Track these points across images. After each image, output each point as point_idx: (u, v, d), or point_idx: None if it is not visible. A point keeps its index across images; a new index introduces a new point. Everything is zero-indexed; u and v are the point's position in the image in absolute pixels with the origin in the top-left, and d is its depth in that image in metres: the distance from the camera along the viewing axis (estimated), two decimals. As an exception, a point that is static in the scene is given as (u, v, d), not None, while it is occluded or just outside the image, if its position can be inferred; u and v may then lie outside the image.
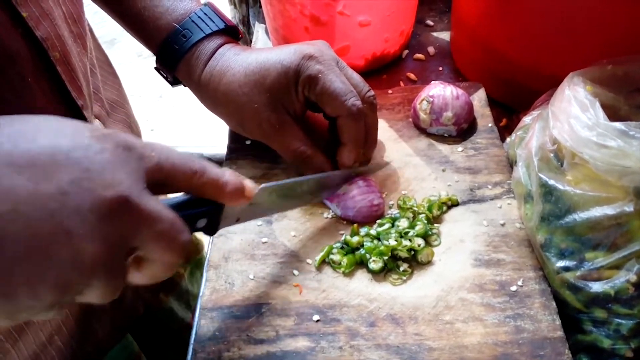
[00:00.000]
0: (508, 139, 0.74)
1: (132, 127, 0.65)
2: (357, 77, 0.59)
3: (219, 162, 0.97)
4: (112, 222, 0.33)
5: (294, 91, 0.57)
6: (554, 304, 0.51)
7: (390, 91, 0.73)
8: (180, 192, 0.41)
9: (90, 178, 0.32)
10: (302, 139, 0.59)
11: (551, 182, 0.51)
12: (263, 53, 0.59)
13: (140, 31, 0.64)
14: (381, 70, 0.83)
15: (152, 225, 0.35)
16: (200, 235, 0.96)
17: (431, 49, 0.86)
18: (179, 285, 0.79)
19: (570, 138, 0.50)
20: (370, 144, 0.61)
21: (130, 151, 0.35)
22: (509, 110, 0.77)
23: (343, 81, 0.57)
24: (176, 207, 0.41)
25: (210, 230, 0.45)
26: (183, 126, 2.29)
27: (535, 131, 0.56)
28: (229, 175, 0.42)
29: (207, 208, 0.43)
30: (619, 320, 0.48)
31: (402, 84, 0.80)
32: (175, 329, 0.78)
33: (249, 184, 0.44)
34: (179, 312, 0.79)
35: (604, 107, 0.55)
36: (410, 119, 0.69)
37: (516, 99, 0.76)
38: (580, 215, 0.49)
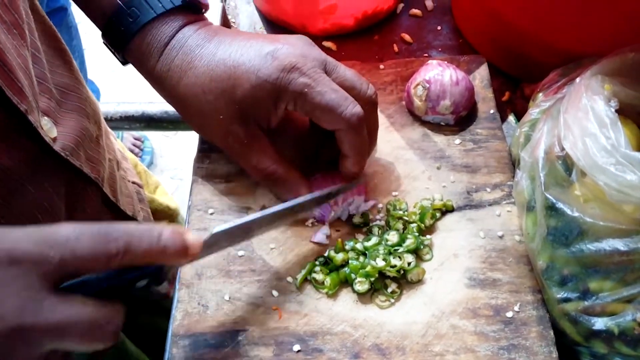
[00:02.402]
0: (510, 117, 0.67)
1: (87, 112, 0.57)
2: (350, 76, 0.50)
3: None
4: (13, 353, 0.31)
5: (272, 106, 0.49)
6: (551, 333, 0.47)
7: (382, 66, 0.65)
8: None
9: None
10: (272, 157, 0.51)
11: (559, 204, 0.46)
12: (233, 53, 0.49)
13: (83, 5, 0.54)
14: (372, 30, 0.74)
15: (65, 334, 0.33)
16: (176, 200, 0.91)
17: (429, 3, 0.76)
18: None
19: (583, 159, 0.44)
20: (370, 149, 0.54)
21: (17, 265, 0.32)
22: (513, 80, 0.70)
23: (334, 89, 0.48)
24: (104, 280, 0.36)
25: (156, 284, 0.39)
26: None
27: (543, 135, 0.50)
28: (166, 236, 0.37)
29: (143, 272, 0.37)
30: (621, 360, 0.45)
31: (395, 47, 0.72)
32: (153, 300, 0.75)
33: (191, 239, 0.38)
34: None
35: (623, 105, 0.49)
36: (404, 102, 0.61)
37: (521, 70, 0.68)
38: (588, 246, 0.44)
